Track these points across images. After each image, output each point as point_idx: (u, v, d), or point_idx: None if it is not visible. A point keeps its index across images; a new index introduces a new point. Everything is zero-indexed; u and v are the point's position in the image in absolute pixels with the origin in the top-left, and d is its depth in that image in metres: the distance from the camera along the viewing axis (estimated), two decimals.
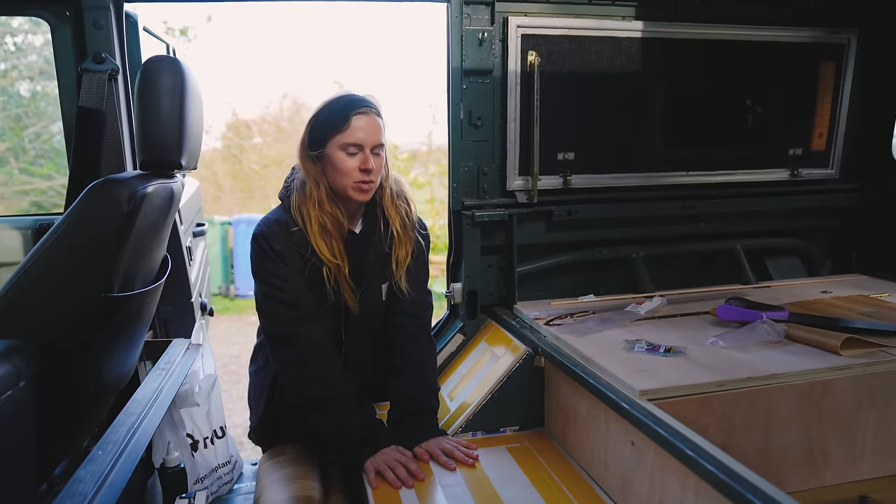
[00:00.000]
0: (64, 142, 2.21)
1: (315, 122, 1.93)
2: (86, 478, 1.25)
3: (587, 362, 1.85)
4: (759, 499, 1.16)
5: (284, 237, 1.92)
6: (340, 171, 1.89)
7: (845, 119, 2.89)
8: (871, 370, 1.77)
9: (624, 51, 2.53)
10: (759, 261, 2.91)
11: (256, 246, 1.95)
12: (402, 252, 2.04)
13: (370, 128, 1.88)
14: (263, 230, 1.95)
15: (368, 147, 1.88)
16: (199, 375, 2.17)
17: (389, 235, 2.03)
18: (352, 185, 1.89)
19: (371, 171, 1.88)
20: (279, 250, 1.91)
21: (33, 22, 7.78)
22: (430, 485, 1.79)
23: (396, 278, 2.05)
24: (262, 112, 13.84)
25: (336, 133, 1.87)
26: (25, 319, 1.43)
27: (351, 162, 1.87)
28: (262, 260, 1.94)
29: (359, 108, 1.88)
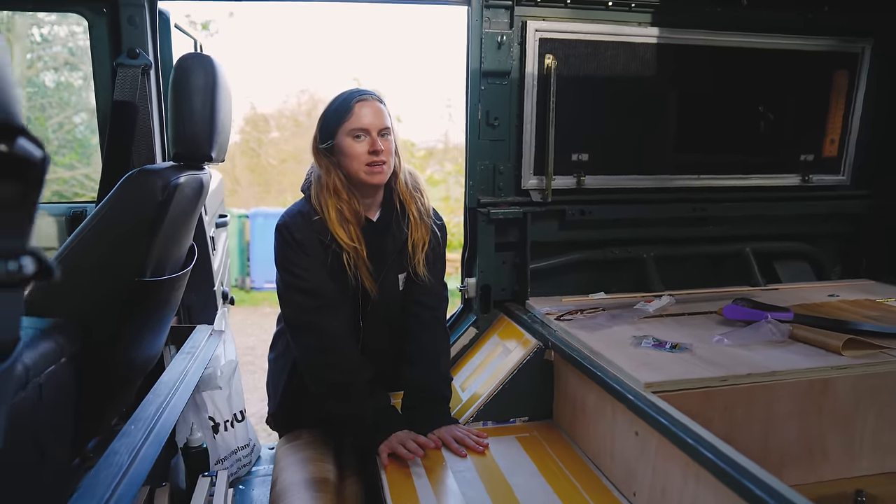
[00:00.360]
0: (88, 132, 2.32)
1: (324, 118, 2.05)
2: (120, 450, 1.34)
3: (595, 356, 1.92)
4: (756, 486, 1.22)
5: (306, 227, 2.00)
6: (350, 156, 1.98)
7: (857, 127, 2.93)
8: (872, 370, 1.82)
9: (639, 56, 2.59)
10: (768, 264, 2.96)
11: (279, 236, 2.03)
12: (419, 235, 2.12)
13: (373, 112, 1.97)
14: (286, 221, 2.03)
15: (374, 130, 1.97)
16: (220, 361, 2.26)
17: (406, 221, 2.11)
18: (363, 168, 1.98)
19: (380, 151, 1.96)
20: (301, 240, 2.00)
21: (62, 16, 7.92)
22: (442, 470, 1.86)
23: (414, 262, 2.12)
24: (280, 107, 13.97)
25: (342, 122, 1.98)
26: (66, 301, 1.52)
27: (359, 146, 1.96)
28: (285, 250, 2.02)
29: (360, 97, 1.98)
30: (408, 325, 2.20)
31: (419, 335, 2.17)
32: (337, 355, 2.01)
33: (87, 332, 1.50)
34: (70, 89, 9.17)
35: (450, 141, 13.50)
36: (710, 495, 1.38)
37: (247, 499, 2.28)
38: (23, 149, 0.57)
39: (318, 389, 2.03)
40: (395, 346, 2.24)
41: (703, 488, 1.41)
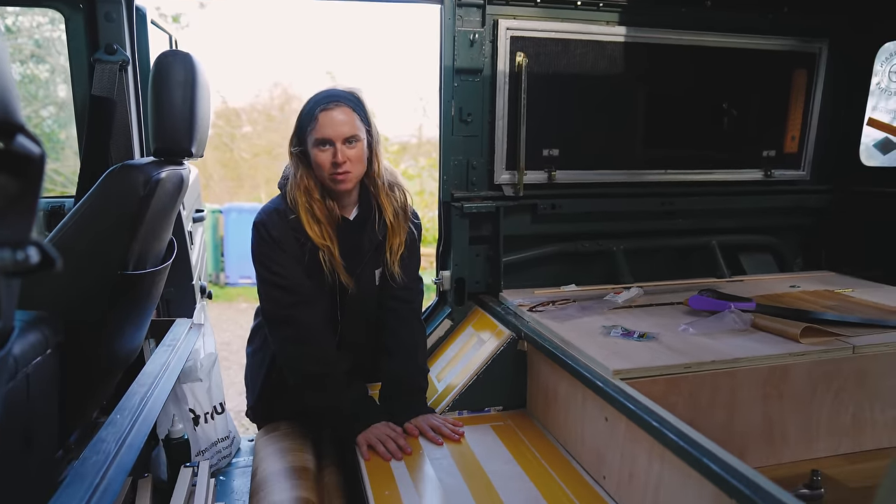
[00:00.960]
0: (57, 127, 2.32)
1: (298, 120, 2.06)
2: (108, 438, 1.37)
3: (566, 345, 1.99)
4: (718, 466, 1.29)
5: (283, 225, 2.03)
6: (316, 164, 2.00)
7: (816, 124, 3.04)
8: (828, 357, 1.92)
9: (608, 54, 2.67)
10: (733, 256, 3.07)
11: (256, 233, 2.06)
12: (396, 241, 2.16)
13: (337, 122, 1.95)
14: (263, 218, 2.06)
15: (339, 140, 1.95)
16: (200, 354, 2.28)
17: (383, 224, 2.14)
18: (329, 177, 1.99)
19: (341, 163, 1.96)
20: (277, 237, 2.03)
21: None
22: (419, 458, 1.92)
23: (390, 265, 2.17)
24: (253, 101, 13.86)
25: (310, 131, 1.99)
26: (50, 293, 1.54)
27: (323, 156, 1.97)
28: (262, 247, 2.05)
29: (324, 105, 1.96)
30: (385, 319, 2.25)
31: (396, 328, 2.22)
32: (314, 348, 2.05)
33: (71, 324, 1.52)
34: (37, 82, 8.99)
35: (423, 136, 13.52)
36: (674, 476, 1.45)
37: (228, 489, 2.31)
38: (22, 146, 0.60)
39: (296, 381, 2.07)
40: (372, 339, 2.29)
41: (668, 470, 1.48)
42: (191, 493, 1.85)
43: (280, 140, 12.20)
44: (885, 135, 2.94)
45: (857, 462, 1.94)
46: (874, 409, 2.00)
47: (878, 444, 2.02)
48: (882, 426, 2.01)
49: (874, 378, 1.97)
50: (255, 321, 2.36)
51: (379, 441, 1.95)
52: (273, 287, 2.05)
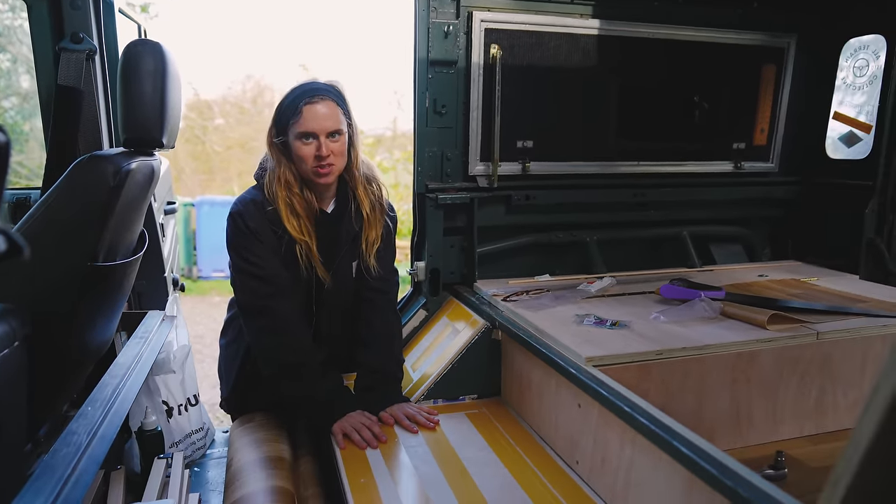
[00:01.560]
0: (20, 118, 2.27)
1: (277, 112, 2.05)
2: (79, 430, 1.36)
3: (540, 334, 2.01)
4: (687, 448, 1.32)
5: (259, 215, 2.03)
6: (299, 157, 2.00)
7: (784, 117, 3.10)
8: (793, 343, 1.97)
9: (581, 47, 2.69)
10: (704, 247, 3.12)
11: (232, 224, 2.05)
12: (373, 234, 2.16)
13: (321, 115, 1.97)
14: (239, 209, 2.05)
15: (323, 134, 1.97)
16: (173, 346, 2.27)
17: (359, 216, 2.14)
18: (311, 170, 2.01)
19: (325, 157, 1.98)
20: (254, 228, 2.02)
21: None
22: (395, 446, 1.93)
23: (366, 258, 2.17)
24: (225, 93, 13.70)
25: (291, 123, 1.99)
26: (17, 285, 1.52)
27: (307, 149, 1.98)
28: (238, 237, 2.04)
29: (309, 98, 1.97)
30: (360, 310, 2.26)
31: (371, 319, 2.23)
32: (290, 338, 2.05)
33: (39, 316, 1.50)
34: None
35: (398, 128, 13.49)
36: (645, 460, 1.48)
37: (202, 480, 2.30)
38: None
39: (271, 371, 2.07)
40: (348, 330, 2.29)
41: (639, 453, 1.51)
42: (165, 485, 1.84)
43: (253, 133, 12.06)
44: (849, 128, 3.00)
45: (820, 443, 2.00)
46: (836, 392, 2.06)
47: (839, 425, 2.08)
48: (843, 408, 2.07)
49: (836, 362, 2.03)
50: (229, 313, 2.35)
51: (354, 430, 1.96)
52: (250, 277, 2.05)
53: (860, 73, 2.92)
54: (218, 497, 2.20)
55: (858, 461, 0.68)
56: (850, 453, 0.69)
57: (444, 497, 1.66)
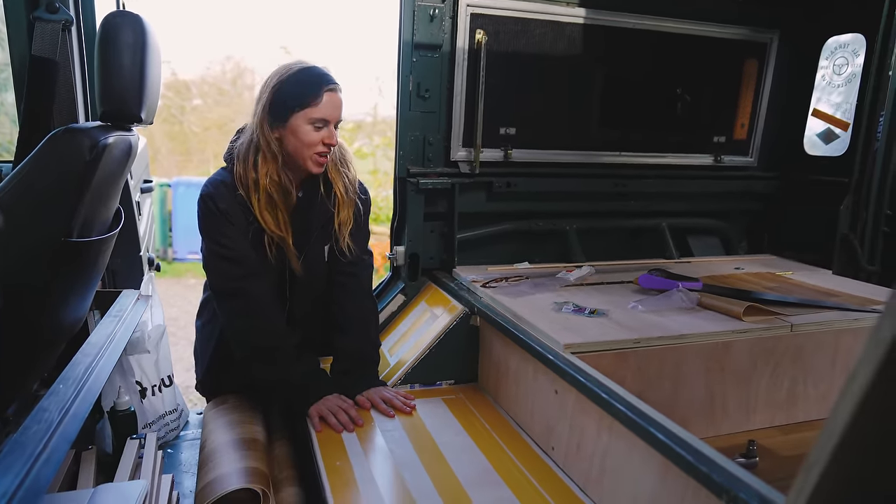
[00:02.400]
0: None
1: (281, 92, 1.97)
2: (50, 407, 1.33)
3: (519, 320, 2.02)
4: (661, 433, 1.34)
5: (230, 197, 2.01)
6: (305, 143, 1.97)
7: (765, 113, 3.14)
8: (768, 334, 2.00)
9: (566, 35, 2.69)
10: (682, 238, 3.15)
11: (203, 206, 2.03)
12: (345, 214, 2.15)
13: (338, 104, 1.99)
14: (210, 191, 2.03)
15: (334, 122, 1.99)
16: (148, 325, 2.23)
17: (333, 198, 2.12)
18: (312, 156, 1.99)
19: (334, 145, 2.01)
20: (225, 210, 2.00)
21: None
22: (371, 430, 1.92)
23: (339, 240, 2.15)
24: (203, 73, 13.48)
25: (306, 107, 1.95)
26: None
27: (316, 136, 1.96)
28: (209, 219, 2.02)
29: (330, 87, 1.97)
30: (335, 294, 2.24)
31: (344, 303, 2.22)
32: (262, 321, 2.03)
33: (10, 291, 1.47)
34: None
35: (378, 114, 13.40)
36: (621, 446, 1.49)
37: (176, 461, 2.28)
38: None
39: (244, 354, 2.05)
40: (321, 312, 2.27)
41: (615, 440, 1.52)
42: (137, 465, 1.81)
43: (231, 114, 11.91)
44: (827, 125, 3.04)
45: (791, 433, 2.04)
46: (807, 383, 2.09)
47: (809, 416, 2.12)
48: (814, 399, 2.11)
49: (809, 354, 2.06)
50: (205, 294, 2.32)
51: (330, 413, 1.95)
52: (221, 259, 2.02)
53: (839, 70, 2.95)
54: (191, 479, 2.18)
55: (833, 447, 0.69)
56: (824, 439, 0.69)
57: (420, 480, 1.66)
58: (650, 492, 1.39)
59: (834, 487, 0.69)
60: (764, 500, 1.05)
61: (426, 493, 1.60)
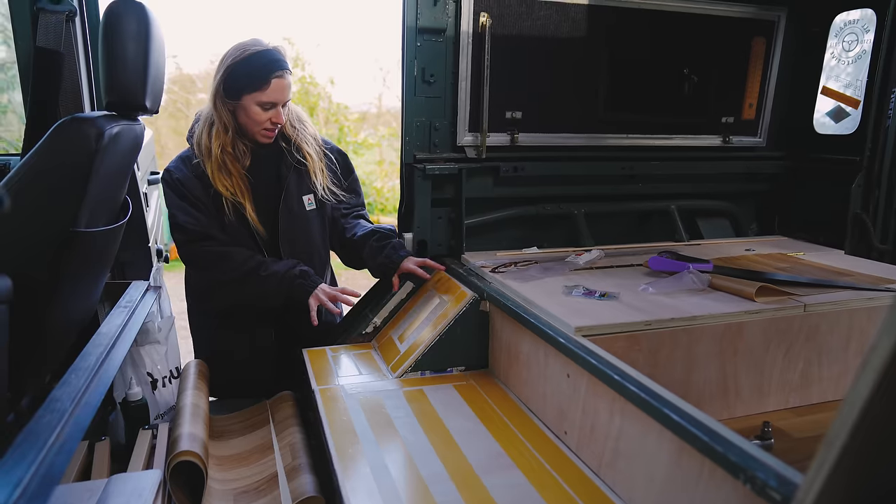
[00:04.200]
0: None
1: (233, 74, 2.15)
2: (62, 397, 1.33)
3: (529, 305, 2.01)
4: (676, 414, 1.32)
5: (186, 169, 2.23)
6: (254, 121, 2.18)
7: (773, 92, 3.09)
8: (780, 315, 1.97)
9: (571, 17, 2.66)
10: (691, 220, 3.12)
11: (163, 181, 2.28)
12: (314, 163, 2.36)
13: (285, 88, 2.18)
14: (169, 165, 2.28)
15: (281, 104, 2.18)
16: (157, 316, 2.24)
17: (294, 147, 2.34)
18: (260, 132, 2.21)
19: (278, 124, 2.21)
20: (179, 179, 2.22)
21: None
22: (381, 415, 1.92)
23: (317, 184, 2.37)
24: (208, 67, 13.43)
25: (255, 91, 2.14)
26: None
27: (265, 115, 2.18)
28: (169, 191, 2.25)
29: (276, 72, 2.14)
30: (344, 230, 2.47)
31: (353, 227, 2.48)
32: (227, 260, 2.20)
33: (20, 282, 1.46)
34: None
35: (383, 105, 13.35)
36: (635, 428, 1.48)
37: None
38: None
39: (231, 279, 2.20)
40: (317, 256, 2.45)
41: (628, 422, 1.51)
42: (150, 455, 1.82)
43: None
44: (837, 103, 3.00)
45: (805, 414, 2.02)
46: (821, 364, 2.07)
47: (823, 397, 2.10)
48: (828, 380, 2.09)
49: (822, 335, 2.04)
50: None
51: (326, 297, 2.21)
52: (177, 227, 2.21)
53: (849, 47, 2.91)
54: None
55: (854, 421, 0.68)
56: (845, 413, 0.68)
57: (432, 465, 1.65)
58: (665, 473, 1.38)
59: (855, 462, 0.68)
60: (782, 479, 1.04)
61: (438, 478, 1.60)
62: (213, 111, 2.20)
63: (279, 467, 1.87)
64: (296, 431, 2.07)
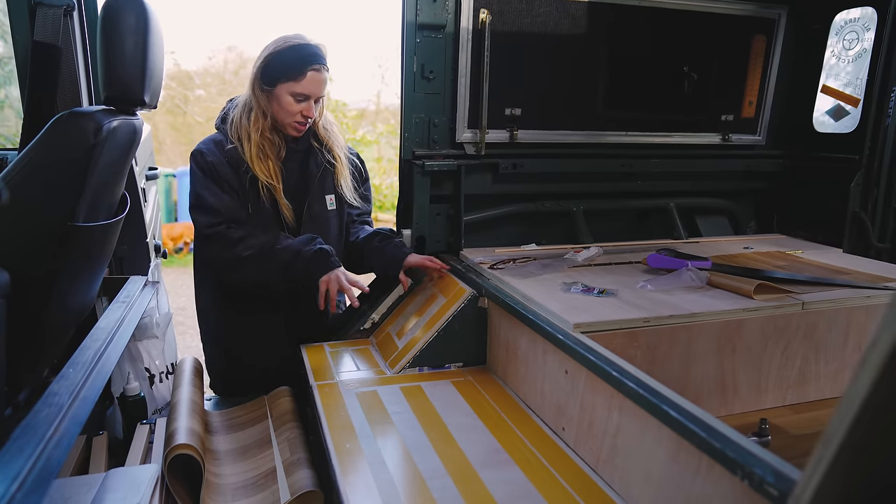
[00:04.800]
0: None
1: (271, 62, 2.19)
2: (60, 391, 1.33)
3: (527, 301, 2.01)
4: (675, 410, 1.33)
5: (219, 153, 2.24)
6: (286, 111, 2.20)
7: (773, 90, 3.09)
8: (778, 312, 1.97)
9: (570, 14, 2.65)
10: (689, 218, 3.13)
11: (193, 161, 2.27)
12: (342, 167, 2.41)
13: (321, 83, 2.20)
14: (200, 147, 2.27)
15: (314, 98, 2.21)
16: (156, 312, 2.24)
17: (326, 149, 2.38)
18: (291, 123, 2.23)
19: (310, 118, 2.24)
20: (212, 163, 2.22)
21: None
22: (379, 412, 1.92)
23: (342, 188, 2.42)
24: (206, 64, 13.47)
25: (290, 80, 2.17)
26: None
27: (296, 107, 2.20)
28: (198, 172, 2.25)
29: (314, 65, 2.17)
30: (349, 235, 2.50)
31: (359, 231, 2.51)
32: (254, 234, 2.21)
33: (17, 276, 1.46)
34: None
35: (381, 102, 13.36)
36: (633, 424, 1.48)
37: None
38: None
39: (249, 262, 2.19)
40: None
41: (626, 418, 1.51)
42: (147, 450, 1.82)
43: None
44: (837, 102, 3.00)
45: (803, 412, 2.02)
46: (819, 361, 2.07)
47: (820, 394, 2.10)
48: (825, 378, 2.10)
49: (820, 332, 2.04)
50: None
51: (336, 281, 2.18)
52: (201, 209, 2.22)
53: (850, 45, 2.91)
54: None
55: (852, 418, 0.67)
56: (843, 411, 0.68)
57: (430, 461, 1.65)
58: (662, 469, 1.39)
59: (852, 459, 0.68)
60: (779, 475, 1.04)
61: (436, 473, 1.60)
62: (251, 97, 2.24)
63: (277, 462, 1.87)
64: (294, 427, 2.07)
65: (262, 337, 2.42)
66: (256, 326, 2.41)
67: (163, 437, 1.84)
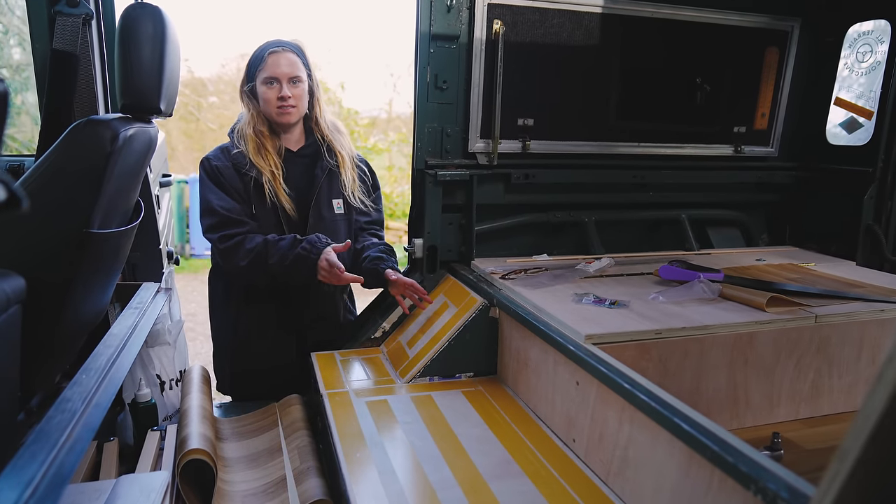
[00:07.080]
0: (12, 91, 2.23)
1: (248, 64, 2.39)
2: (73, 397, 1.34)
3: (539, 312, 2.00)
4: (686, 423, 1.32)
5: (224, 157, 2.35)
6: (265, 100, 2.33)
7: (786, 102, 3.08)
8: (792, 325, 1.96)
9: (584, 25, 2.66)
10: (701, 230, 3.11)
11: (201, 168, 2.38)
12: (348, 172, 2.46)
13: (283, 63, 2.30)
14: (208, 154, 2.39)
15: (284, 79, 2.30)
16: (168, 319, 2.25)
17: (333, 154, 2.45)
18: (274, 110, 2.33)
19: (287, 98, 2.30)
20: (217, 167, 2.32)
21: None
22: (390, 421, 1.92)
23: (349, 192, 2.46)
24: (219, 71, 13.57)
25: (258, 70, 2.33)
26: (9, 252, 1.49)
27: (271, 92, 2.31)
28: (205, 177, 2.35)
29: (273, 49, 2.31)
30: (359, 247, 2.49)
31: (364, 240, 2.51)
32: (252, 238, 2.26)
33: (33, 282, 1.48)
34: None
35: (393, 110, 13.41)
36: (644, 437, 1.48)
37: None
38: None
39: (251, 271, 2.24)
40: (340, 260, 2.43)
41: (637, 431, 1.51)
42: (158, 457, 1.82)
43: None
44: (850, 114, 2.99)
45: (816, 426, 2.01)
46: (832, 375, 2.06)
47: (834, 409, 2.08)
48: (838, 392, 2.08)
49: (833, 346, 2.03)
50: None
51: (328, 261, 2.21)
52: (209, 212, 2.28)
53: (863, 58, 2.90)
54: None
55: (868, 433, 0.67)
56: (859, 425, 0.67)
57: (440, 472, 1.65)
58: (673, 483, 1.38)
59: (868, 476, 0.67)
60: (793, 491, 1.04)
61: (446, 484, 1.59)
62: (244, 103, 2.39)
63: (288, 470, 1.87)
64: (304, 435, 2.07)
65: (272, 330, 2.43)
66: (267, 319, 2.42)
67: (174, 444, 1.85)
